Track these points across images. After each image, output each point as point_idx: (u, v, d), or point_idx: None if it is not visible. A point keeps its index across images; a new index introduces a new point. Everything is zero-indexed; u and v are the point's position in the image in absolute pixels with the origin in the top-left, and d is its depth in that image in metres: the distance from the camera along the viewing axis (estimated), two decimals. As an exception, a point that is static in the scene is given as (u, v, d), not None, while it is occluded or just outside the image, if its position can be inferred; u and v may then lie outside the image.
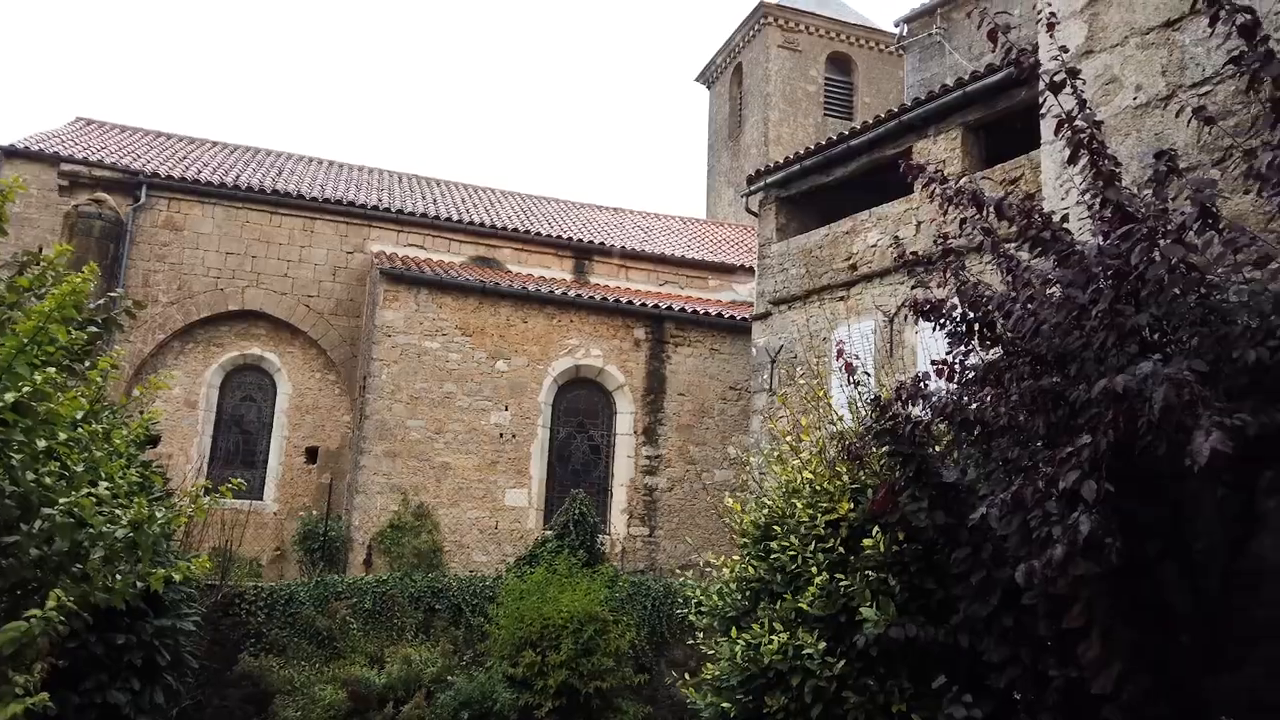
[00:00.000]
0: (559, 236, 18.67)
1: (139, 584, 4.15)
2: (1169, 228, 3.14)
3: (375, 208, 17.37)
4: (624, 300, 15.98)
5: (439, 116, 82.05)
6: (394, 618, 11.38)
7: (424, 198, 19.40)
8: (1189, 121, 3.69)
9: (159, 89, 72.05)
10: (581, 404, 15.69)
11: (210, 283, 16.33)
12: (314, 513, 14.75)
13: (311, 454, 16.41)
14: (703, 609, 5.24)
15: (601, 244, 18.94)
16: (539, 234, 18.53)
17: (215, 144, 19.99)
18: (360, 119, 77.47)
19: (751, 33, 27.28)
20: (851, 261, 12.42)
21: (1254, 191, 3.38)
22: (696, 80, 30.77)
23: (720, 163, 28.86)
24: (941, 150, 11.25)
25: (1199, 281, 3.16)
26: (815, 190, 13.60)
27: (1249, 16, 3.21)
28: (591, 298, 15.82)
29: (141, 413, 6.46)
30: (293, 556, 15.02)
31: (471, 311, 15.03)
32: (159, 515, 4.22)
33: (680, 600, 8.59)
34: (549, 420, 15.23)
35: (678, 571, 13.48)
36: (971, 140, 11.19)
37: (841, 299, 12.61)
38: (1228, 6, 3.24)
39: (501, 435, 14.76)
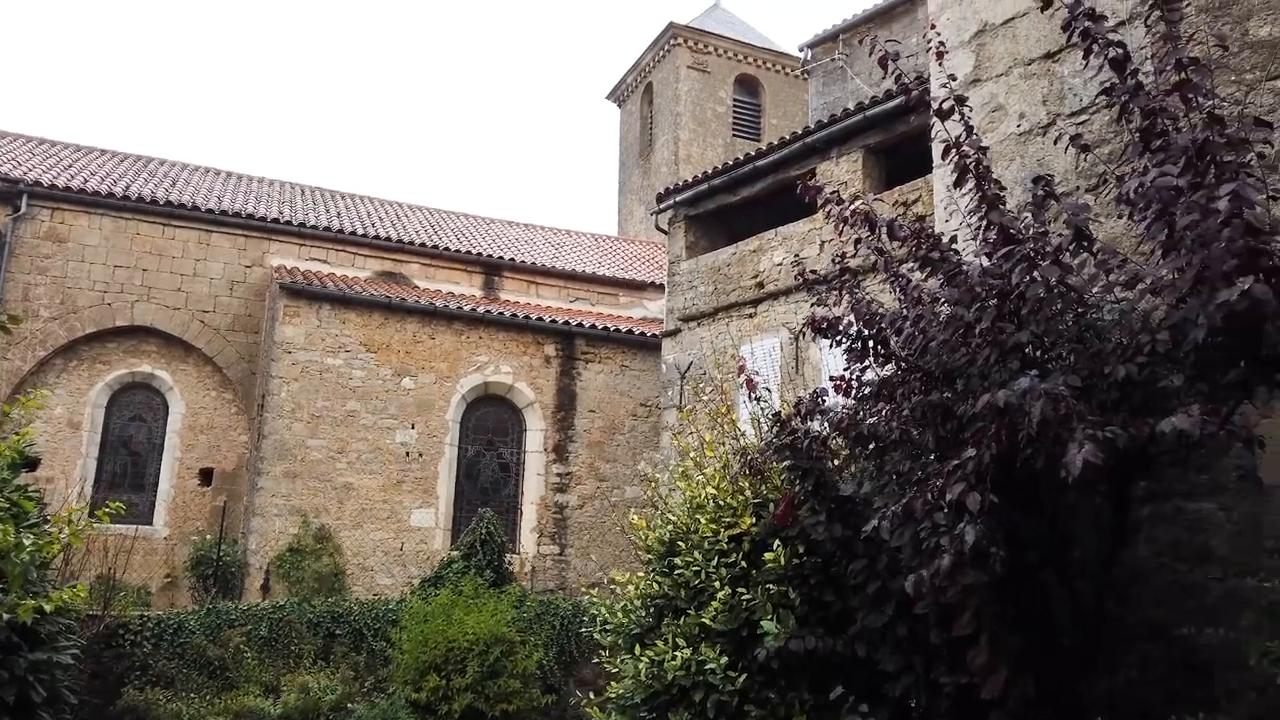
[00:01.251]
0: (468, 252, 18.46)
1: (5, 616, 3.88)
2: (1048, 249, 3.29)
3: (276, 220, 16.86)
4: (534, 317, 15.89)
5: (346, 130, 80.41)
6: (291, 645, 10.98)
7: (328, 211, 18.93)
8: (1066, 149, 3.87)
9: (46, 96, 68.61)
10: (491, 421, 15.50)
11: (96, 297, 15.55)
12: (208, 537, 14.13)
13: (206, 476, 15.74)
14: (608, 627, 5.20)
15: (511, 259, 18.81)
16: (447, 249, 18.29)
17: (105, 153, 19.11)
18: (264, 132, 75.31)
19: (662, 53, 27.62)
20: (759, 279, 12.64)
21: (1125, 216, 3.57)
22: (608, 98, 30.96)
23: (631, 180, 29.06)
24: (843, 172, 11.58)
25: (1075, 301, 3.31)
26: (723, 209, 13.82)
27: (1120, 50, 3.39)
28: (501, 314, 15.69)
29: (16, 433, 6.09)
30: (184, 583, 14.34)
31: (377, 328, 14.71)
32: (27, 543, 3.96)
33: (588, 619, 8.54)
34: (457, 438, 14.99)
35: (587, 590, 13.40)
36: (872, 163, 11.54)
37: (749, 316, 12.81)
38: (1101, 40, 3.42)
39: (408, 454, 14.45)
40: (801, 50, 18.93)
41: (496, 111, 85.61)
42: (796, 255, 7.94)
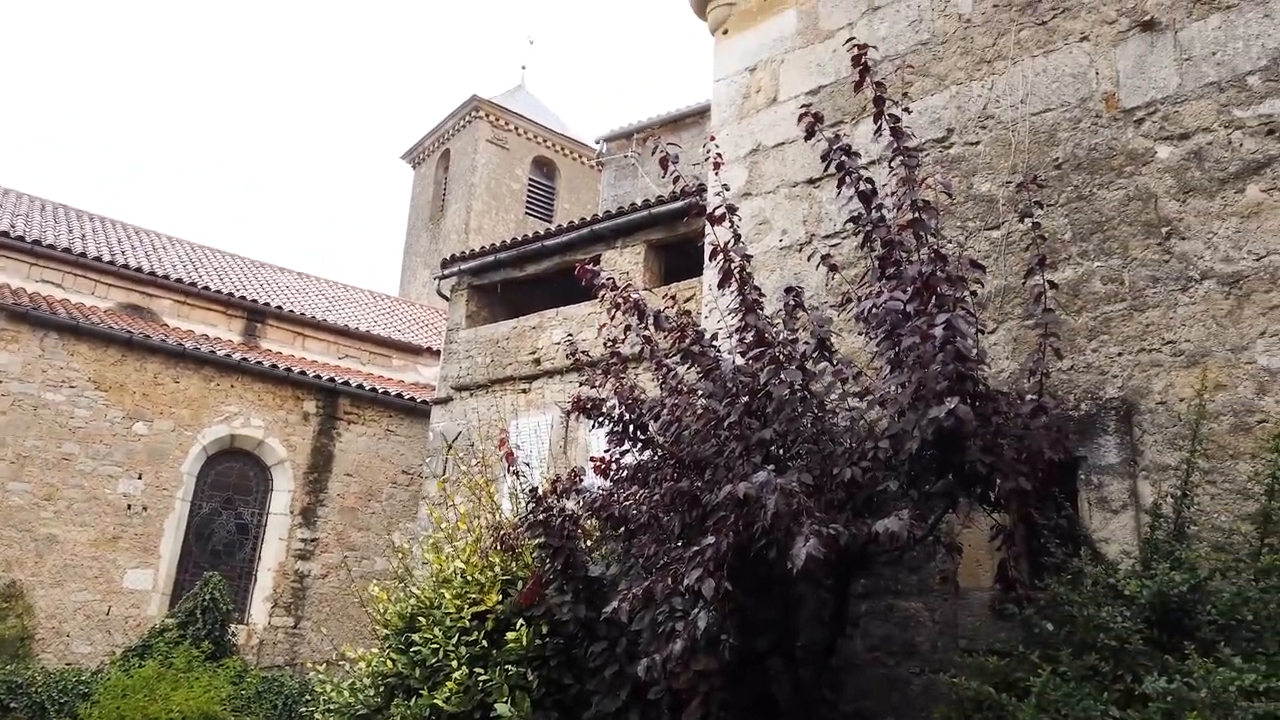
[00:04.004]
0: (231, 294, 17.23)
1: None
2: (795, 355, 3.55)
3: (5, 234, 14.99)
4: (296, 369, 15.01)
5: (140, 177, 73.80)
6: (-49, 722, 9.37)
7: (70, 231, 17.09)
8: (819, 266, 4.23)
9: None
10: (234, 477, 14.30)
11: None
12: None
13: None
14: (332, 707, 4.85)
15: (279, 307, 17.76)
16: (207, 288, 16.99)
17: None
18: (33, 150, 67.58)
19: (463, 123, 27.72)
20: (536, 356, 12.71)
21: (863, 333, 3.93)
22: (403, 158, 30.53)
23: (419, 243, 28.59)
24: (627, 262, 12.00)
25: (816, 405, 3.58)
26: (509, 283, 13.86)
27: (869, 186, 3.79)
28: (260, 362, 14.68)
29: None
30: None
31: (112, 364, 13.30)
32: None
33: (313, 698, 7.92)
34: (191, 493, 13.69)
35: (317, 667, 12.51)
36: (653, 257, 12.06)
37: (523, 391, 12.80)
38: (853, 174, 3.80)
39: (130, 507, 13.00)
40: (598, 142, 19.66)
41: (286, 159, 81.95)
42: (573, 336, 8.07)
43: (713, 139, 5.27)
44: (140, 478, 13.16)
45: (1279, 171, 3.66)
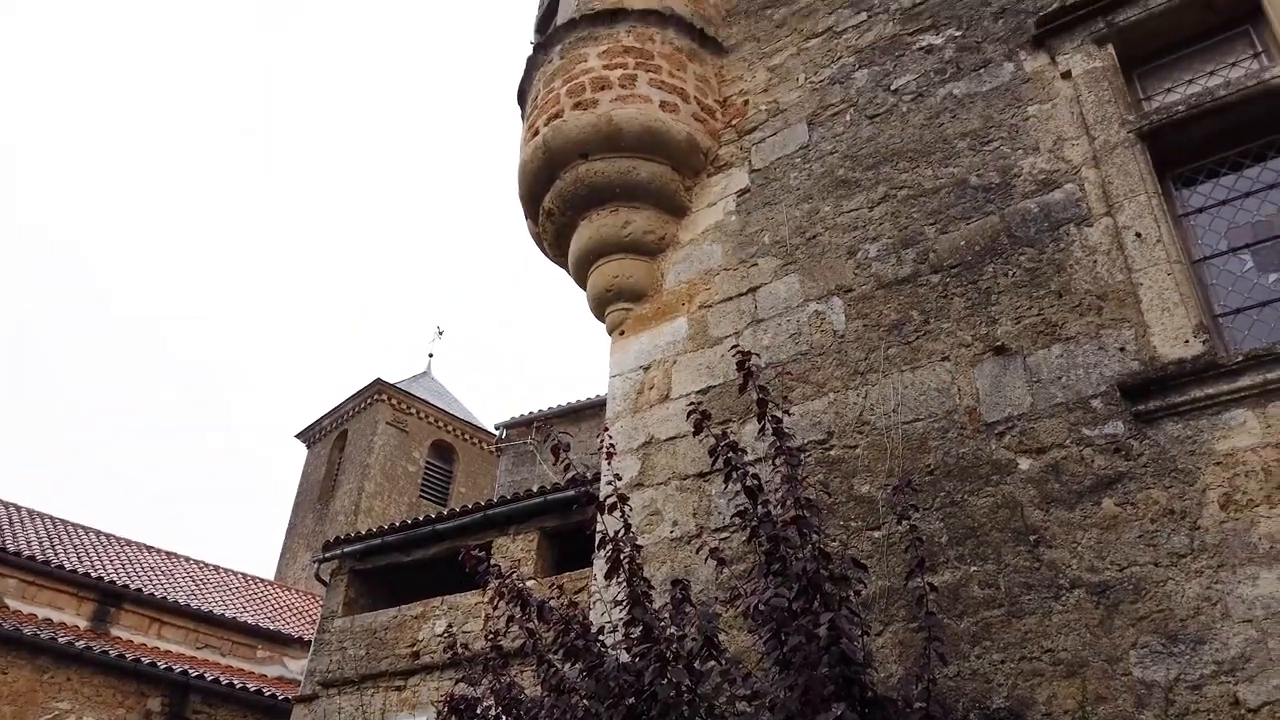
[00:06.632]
0: (83, 574, 15.89)
1: None
2: (682, 653, 3.43)
3: None
4: (144, 660, 13.59)
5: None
6: None
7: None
8: (707, 560, 4.22)
9: None
10: (47, 789, 12.37)
11: None
12: None
13: None
14: None
15: (137, 590, 16.40)
16: (61, 566, 15.67)
17: None
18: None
19: (364, 404, 27.88)
20: (415, 649, 11.89)
21: (751, 630, 3.85)
22: (297, 437, 30.15)
23: (304, 524, 27.47)
24: (519, 550, 11.72)
25: (703, 708, 3.40)
26: (394, 568, 13.26)
27: (755, 481, 3.89)
28: (104, 652, 13.27)
29: None
30: None
31: (-70, 649, 11.83)
32: None
33: None
34: (-9, 809, 11.72)
35: None
36: (547, 545, 11.82)
37: (398, 689, 11.81)
38: (739, 470, 3.91)
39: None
40: (499, 429, 19.92)
41: (176, 431, 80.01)
42: (455, 628, 7.65)
43: (607, 430, 5.41)
44: (-69, 788, 11.27)
45: (1130, 487, 3.94)
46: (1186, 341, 4.05)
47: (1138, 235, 4.41)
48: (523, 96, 7.38)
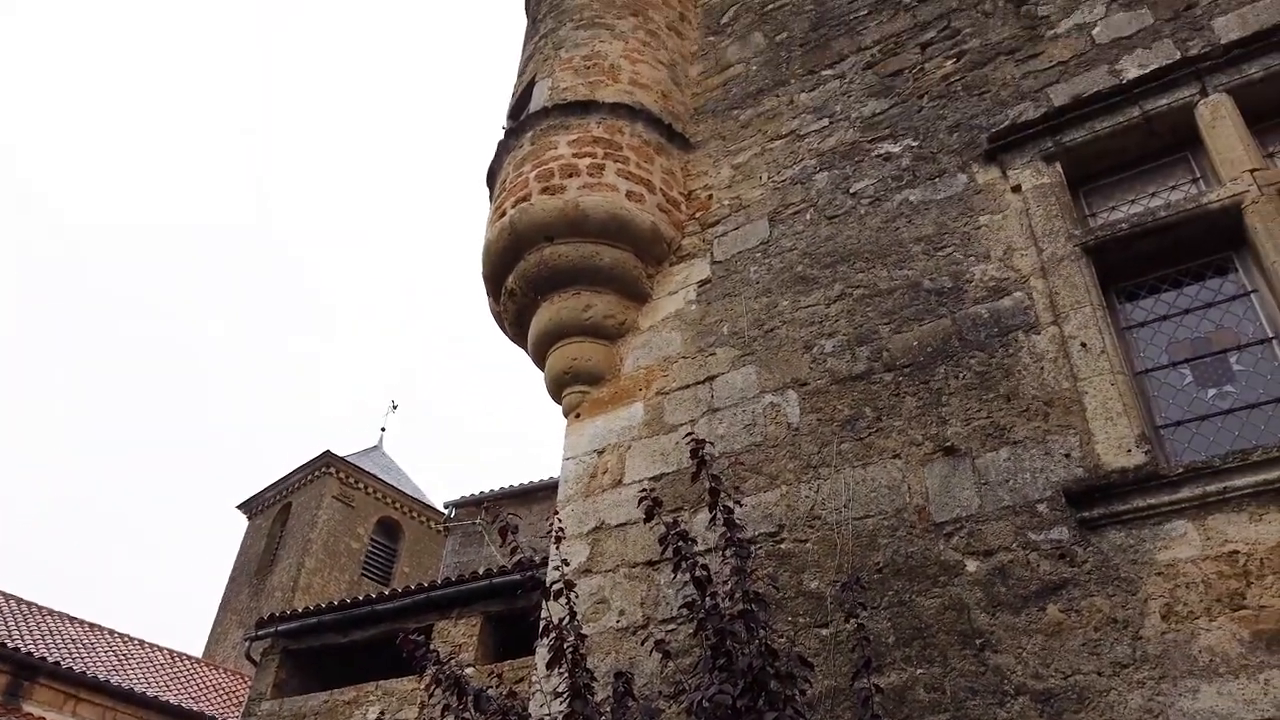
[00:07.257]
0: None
1: None
2: (623, 750, 3.32)
3: None
4: (54, 739, 12.83)
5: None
6: None
7: None
8: (652, 652, 4.13)
9: None
10: None
11: None
12: None
13: None
14: None
15: (55, 663, 15.59)
16: (-26, 634, 14.90)
17: None
18: None
19: (311, 477, 27.27)
20: (345, 736, 11.37)
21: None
22: (238, 508, 29.29)
23: (239, 599, 26.47)
24: (461, 634, 11.37)
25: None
26: (329, 649, 12.77)
27: (704, 572, 3.85)
28: (11, 728, 12.51)
29: None
30: None
31: None
32: None
33: None
34: None
35: None
36: (490, 630, 11.49)
37: (323, 780, 11.25)
38: (688, 560, 3.87)
39: None
40: (447, 507, 19.55)
41: (111, 500, 77.40)
42: (387, 715, 7.36)
43: (555, 513, 5.34)
44: None
45: (1074, 594, 3.96)
46: (1129, 451, 4.14)
47: (1083, 345, 4.54)
48: (492, 178, 7.49)
